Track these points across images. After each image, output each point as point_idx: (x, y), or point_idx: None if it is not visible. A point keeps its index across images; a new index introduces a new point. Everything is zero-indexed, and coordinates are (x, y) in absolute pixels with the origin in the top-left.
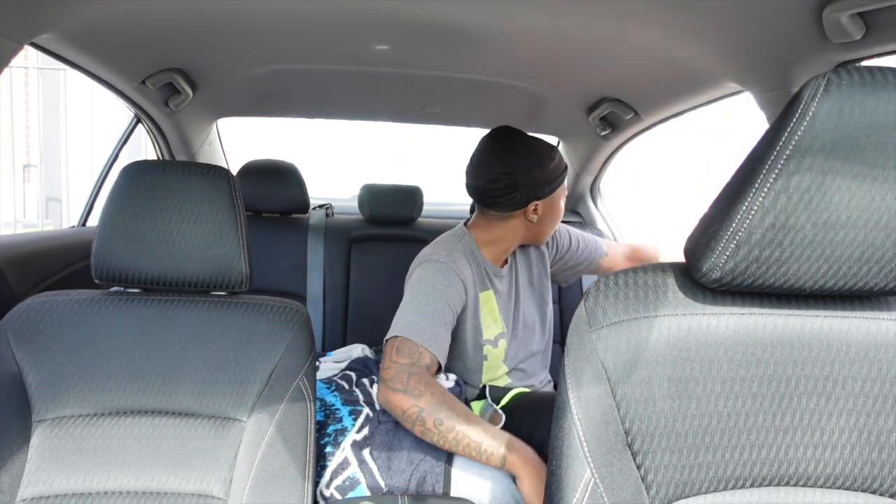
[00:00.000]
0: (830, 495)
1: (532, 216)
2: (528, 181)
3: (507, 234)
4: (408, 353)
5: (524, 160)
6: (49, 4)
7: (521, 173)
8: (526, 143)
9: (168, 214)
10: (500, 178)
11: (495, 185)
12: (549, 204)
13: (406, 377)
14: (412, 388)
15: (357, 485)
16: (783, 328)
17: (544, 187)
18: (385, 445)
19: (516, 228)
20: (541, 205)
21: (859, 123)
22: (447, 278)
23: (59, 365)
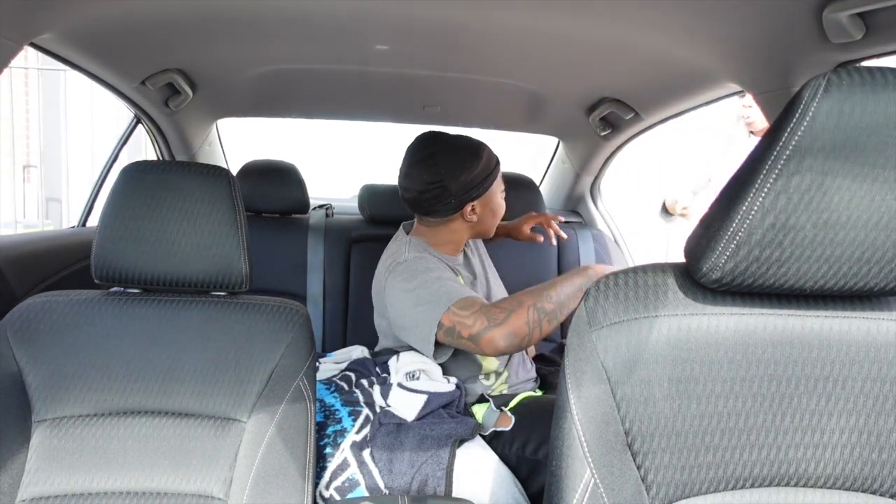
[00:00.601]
0: (830, 495)
1: (470, 217)
2: (458, 186)
3: (451, 235)
4: (465, 304)
5: (450, 166)
6: (49, 4)
7: (450, 180)
8: (450, 148)
9: (168, 214)
10: (430, 188)
11: (426, 195)
12: (486, 202)
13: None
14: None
15: (356, 486)
16: (783, 328)
17: (476, 189)
18: (386, 447)
19: (458, 229)
20: (477, 205)
21: (859, 123)
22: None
23: (59, 365)
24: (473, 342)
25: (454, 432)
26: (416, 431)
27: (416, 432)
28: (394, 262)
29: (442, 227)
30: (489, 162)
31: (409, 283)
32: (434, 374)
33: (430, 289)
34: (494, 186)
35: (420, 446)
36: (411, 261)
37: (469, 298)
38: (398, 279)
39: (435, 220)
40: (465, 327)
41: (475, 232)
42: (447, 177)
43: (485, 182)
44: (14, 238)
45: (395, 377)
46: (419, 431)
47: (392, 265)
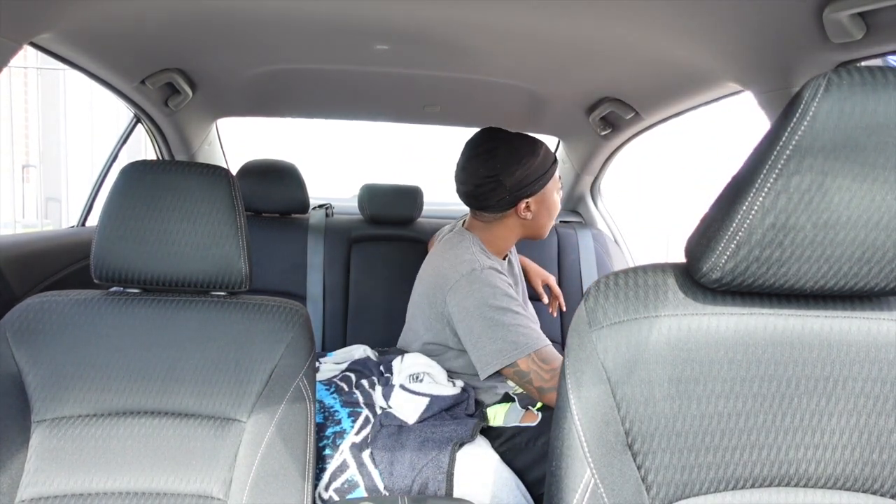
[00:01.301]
0: (831, 496)
1: (525, 214)
2: (514, 181)
3: (504, 232)
4: (547, 357)
5: (507, 161)
6: (49, 4)
7: (506, 175)
8: (508, 144)
9: (168, 214)
10: (485, 182)
11: (481, 188)
12: (541, 199)
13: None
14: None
15: (356, 487)
16: (783, 328)
17: (531, 185)
18: (387, 449)
19: (512, 227)
20: (532, 202)
21: (860, 123)
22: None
23: (58, 365)
24: (539, 392)
25: (454, 434)
26: (418, 434)
27: (418, 435)
28: (471, 267)
29: (496, 224)
30: (546, 159)
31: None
32: (439, 377)
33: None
34: (551, 185)
35: (421, 449)
36: (489, 272)
37: (549, 351)
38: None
39: (490, 216)
40: (540, 379)
41: (528, 231)
42: (503, 171)
43: (541, 179)
44: (13, 238)
45: (397, 378)
46: (420, 434)
47: (470, 270)
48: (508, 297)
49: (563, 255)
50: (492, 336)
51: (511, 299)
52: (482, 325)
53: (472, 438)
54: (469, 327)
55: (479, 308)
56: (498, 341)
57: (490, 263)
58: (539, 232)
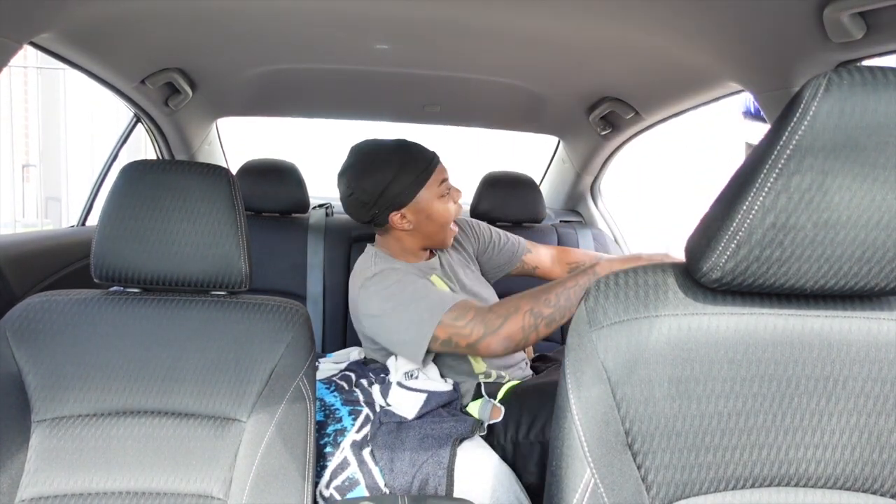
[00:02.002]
0: (831, 496)
1: (403, 225)
2: (371, 196)
3: (400, 244)
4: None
5: (358, 176)
6: (49, 4)
7: (360, 191)
8: (361, 159)
9: (168, 214)
10: (348, 201)
11: (349, 206)
12: (417, 209)
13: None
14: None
15: (356, 485)
16: (784, 328)
17: (396, 198)
18: (387, 446)
19: (401, 237)
20: (406, 212)
21: (860, 123)
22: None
23: (58, 365)
24: (471, 349)
25: (454, 431)
26: (417, 430)
27: (417, 431)
28: (363, 278)
29: (388, 237)
30: (408, 168)
31: (387, 301)
32: (431, 373)
33: (415, 304)
34: (426, 191)
35: (421, 445)
36: (380, 275)
37: (461, 305)
38: (373, 297)
39: (378, 229)
40: (462, 336)
41: (423, 240)
42: (357, 188)
43: (406, 189)
44: (13, 237)
45: (394, 376)
46: (420, 430)
47: (363, 282)
48: (402, 283)
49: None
50: (402, 328)
51: (405, 283)
52: (391, 322)
53: (472, 435)
54: (382, 330)
55: (379, 308)
56: (409, 329)
57: (382, 267)
58: (433, 241)
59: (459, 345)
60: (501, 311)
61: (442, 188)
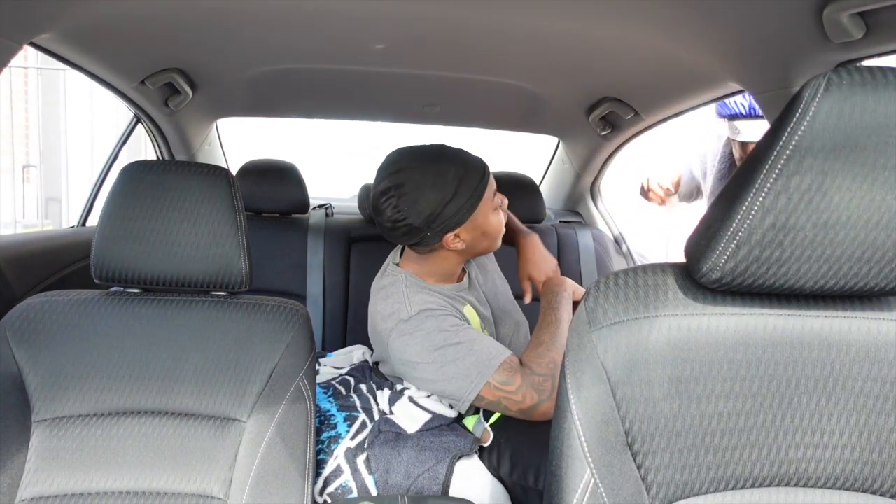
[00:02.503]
0: (831, 496)
1: (455, 245)
2: (425, 221)
3: (440, 263)
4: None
5: (412, 200)
6: (49, 4)
7: (414, 216)
8: (412, 179)
9: (168, 214)
10: (397, 227)
11: (395, 232)
12: (473, 226)
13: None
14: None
15: (349, 493)
16: (783, 328)
17: (452, 219)
18: (384, 456)
19: (448, 257)
20: (461, 231)
21: (860, 123)
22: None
23: (58, 365)
24: (525, 415)
25: (453, 446)
26: (416, 442)
27: (416, 443)
28: (398, 320)
29: (430, 258)
30: (468, 183)
31: (429, 354)
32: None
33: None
34: (483, 206)
35: (418, 458)
36: (417, 318)
37: (507, 365)
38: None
39: (420, 250)
40: (513, 403)
41: (470, 255)
42: (411, 213)
43: (462, 209)
44: (14, 238)
45: (412, 391)
46: (418, 443)
47: (396, 324)
48: (444, 332)
49: (563, 255)
50: (444, 378)
51: (447, 332)
52: (430, 371)
53: (471, 453)
54: (420, 379)
55: (419, 356)
56: (453, 380)
57: (420, 306)
58: (484, 252)
59: (510, 409)
60: (544, 371)
61: (496, 200)
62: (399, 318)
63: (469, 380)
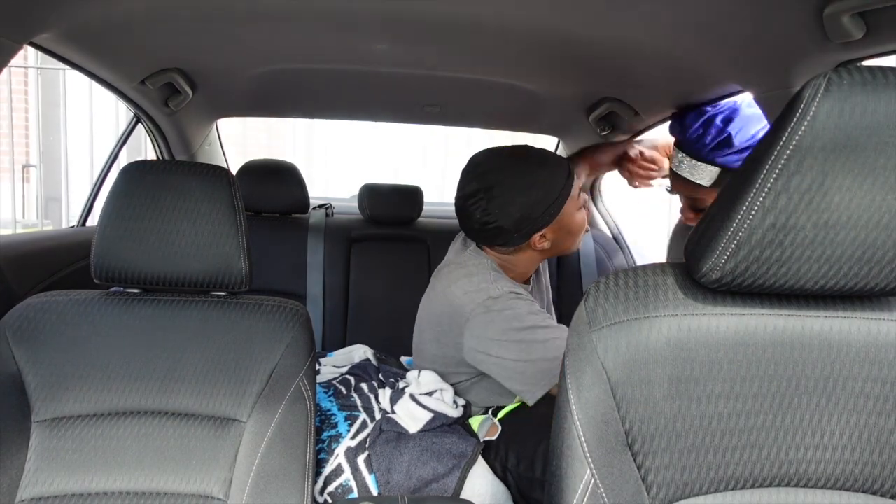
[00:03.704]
0: (831, 496)
1: (542, 244)
2: (515, 223)
3: (523, 262)
4: None
5: (503, 203)
6: (49, 4)
7: (504, 218)
8: (501, 182)
9: (168, 214)
10: (485, 228)
11: (483, 233)
12: (558, 226)
13: None
14: None
15: (349, 492)
16: (784, 328)
17: (539, 219)
18: (385, 455)
19: (532, 255)
20: (547, 231)
21: (860, 123)
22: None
23: (58, 365)
24: None
25: (455, 448)
26: (417, 443)
27: (417, 443)
28: (486, 296)
29: (512, 256)
30: (553, 184)
31: (520, 322)
32: (447, 397)
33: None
34: (567, 206)
35: (420, 458)
36: (506, 297)
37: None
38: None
39: (504, 249)
40: None
41: (553, 254)
42: (501, 216)
43: (550, 209)
44: (13, 238)
45: (412, 388)
46: (420, 443)
47: (484, 300)
48: (534, 315)
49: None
50: (529, 359)
51: (537, 315)
52: (515, 351)
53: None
54: (499, 359)
55: (505, 334)
56: (538, 362)
57: (508, 289)
58: (566, 251)
59: None
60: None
61: (575, 201)
62: (488, 294)
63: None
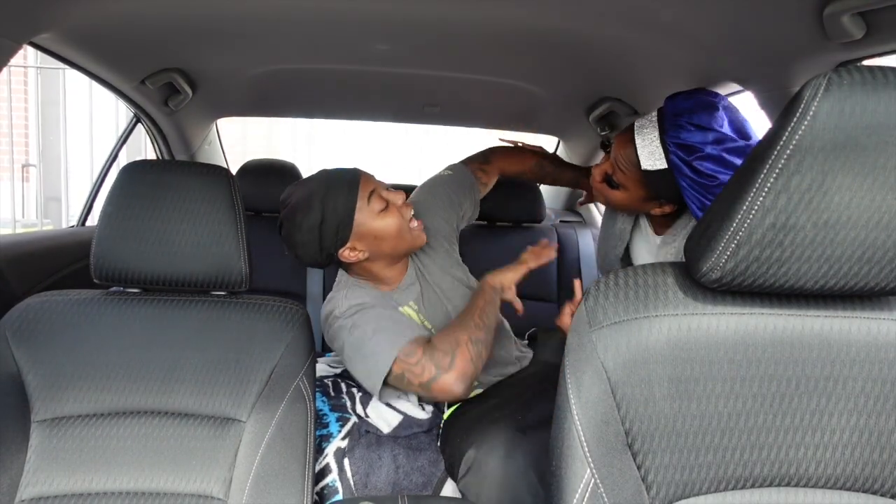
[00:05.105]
0: (831, 496)
1: (355, 255)
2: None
3: (369, 272)
4: (411, 349)
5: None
6: (49, 4)
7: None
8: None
9: (168, 214)
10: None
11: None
12: (361, 235)
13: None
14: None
15: (335, 493)
16: (783, 328)
17: (334, 238)
18: (364, 460)
19: (368, 267)
20: (354, 243)
21: (860, 123)
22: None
23: (58, 365)
24: (424, 389)
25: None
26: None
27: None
28: (329, 310)
29: (355, 268)
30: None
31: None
32: (413, 398)
33: (376, 337)
34: (360, 216)
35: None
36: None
37: (413, 343)
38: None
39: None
40: (414, 375)
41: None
42: (298, 247)
43: (340, 225)
44: (13, 237)
45: None
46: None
47: (328, 317)
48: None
49: (563, 255)
50: (359, 360)
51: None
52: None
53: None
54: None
55: (343, 345)
56: (366, 360)
57: (352, 301)
58: (402, 252)
59: (412, 383)
60: (445, 346)
61: (376, 204)
62: (334, 314)
63: (376, 355)
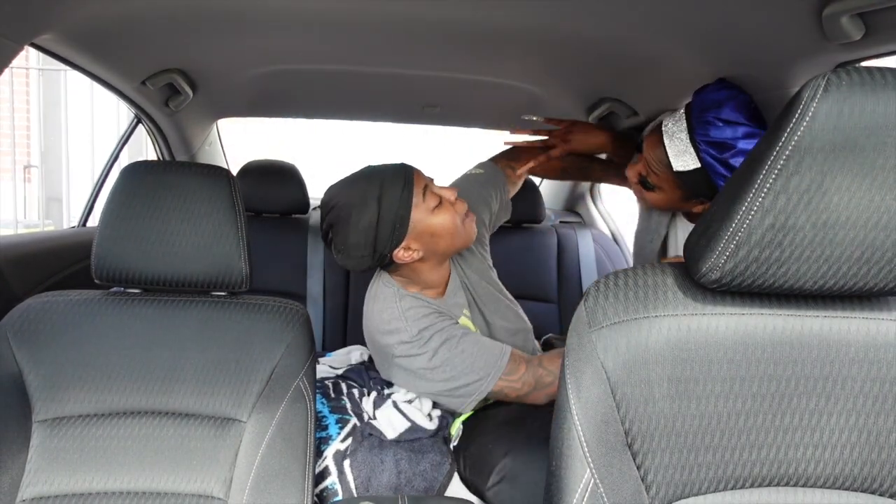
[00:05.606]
0: (830, 495)
1: (410, 255)
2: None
3: (419, 275)
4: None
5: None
6: (49, 4)
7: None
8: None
9: (168, 214)
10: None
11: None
12: (419, 233)
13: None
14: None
15: (335, 495)
16: (783, 328)
17: (391, 237)
18: (366, 463)
19: (418, 269)
20: (409, 242)
21: (859, 124)
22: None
23: (59, 365)
24: (520, 399)
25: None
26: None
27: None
28: (398, 340)
29: (403, 271)
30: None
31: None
32: (425, 406)
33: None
34: (416, 213)
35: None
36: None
37: (514, 360)
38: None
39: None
40: (513, 390)
41: (443, 258)
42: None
43: (396, 222)
44: (14, 238)
45: (396, 396)
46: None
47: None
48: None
49: (562, 255)
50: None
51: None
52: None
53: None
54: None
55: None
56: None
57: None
58: (456, 249)
59: (509, 396)
60: (553, 368)
61: (430, 200)
62: (401, 339)
63: (481, 381)
